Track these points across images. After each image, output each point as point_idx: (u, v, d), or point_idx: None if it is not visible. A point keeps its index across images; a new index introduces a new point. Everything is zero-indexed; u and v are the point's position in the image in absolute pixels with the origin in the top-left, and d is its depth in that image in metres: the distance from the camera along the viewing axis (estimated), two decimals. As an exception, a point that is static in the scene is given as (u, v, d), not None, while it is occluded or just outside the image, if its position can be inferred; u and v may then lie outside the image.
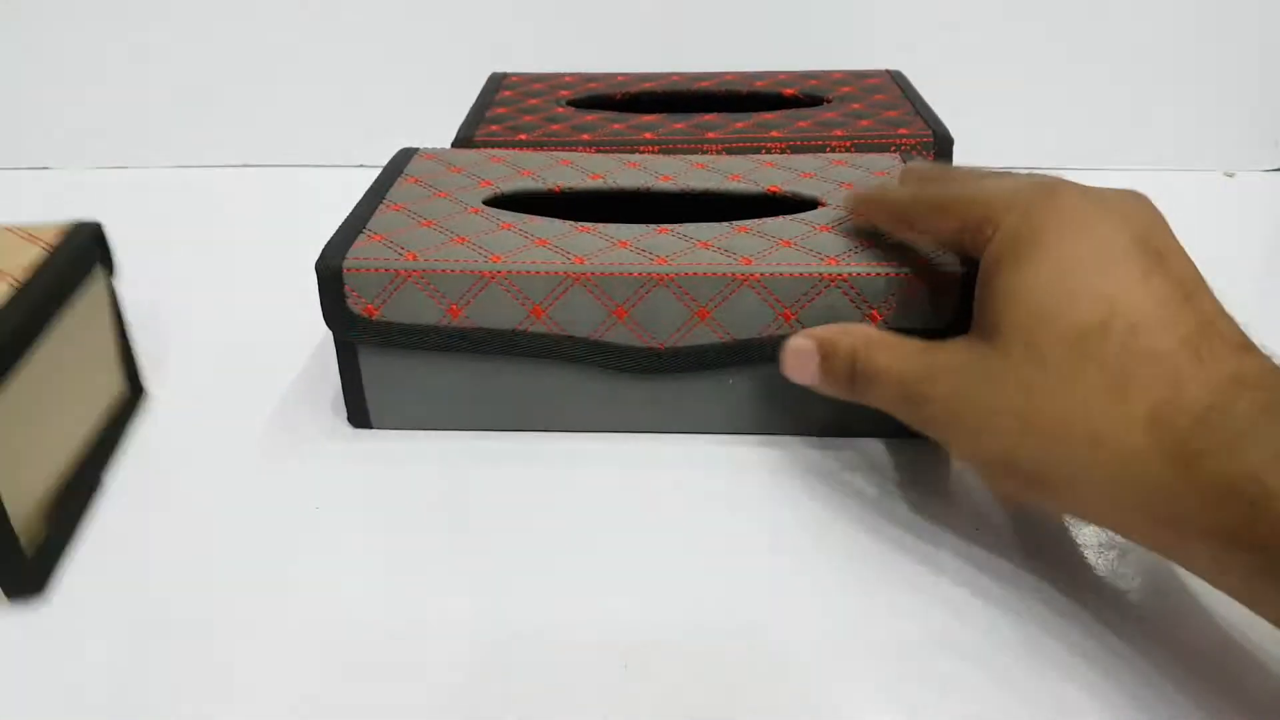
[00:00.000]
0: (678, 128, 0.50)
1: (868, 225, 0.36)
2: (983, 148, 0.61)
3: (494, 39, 0.64)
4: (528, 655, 0.28)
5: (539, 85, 0.57)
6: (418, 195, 0.40)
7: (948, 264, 0.34)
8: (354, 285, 0.35)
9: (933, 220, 0.32)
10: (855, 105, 0.53)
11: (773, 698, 0.27)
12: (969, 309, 0.35)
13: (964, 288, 0.34)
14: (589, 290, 0.35)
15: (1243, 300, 0.25)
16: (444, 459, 0.37)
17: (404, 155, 0.44)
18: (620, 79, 0.58)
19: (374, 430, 0.38)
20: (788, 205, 0.40)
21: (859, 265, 0.34)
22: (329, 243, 0.36)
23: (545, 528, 0.33)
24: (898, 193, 0.34)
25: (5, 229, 0.35)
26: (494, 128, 0.51)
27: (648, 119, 0.51)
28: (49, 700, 0.27)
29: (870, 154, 0.44)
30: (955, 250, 0.33)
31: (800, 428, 0.38)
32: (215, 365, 0.43)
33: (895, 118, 0.51)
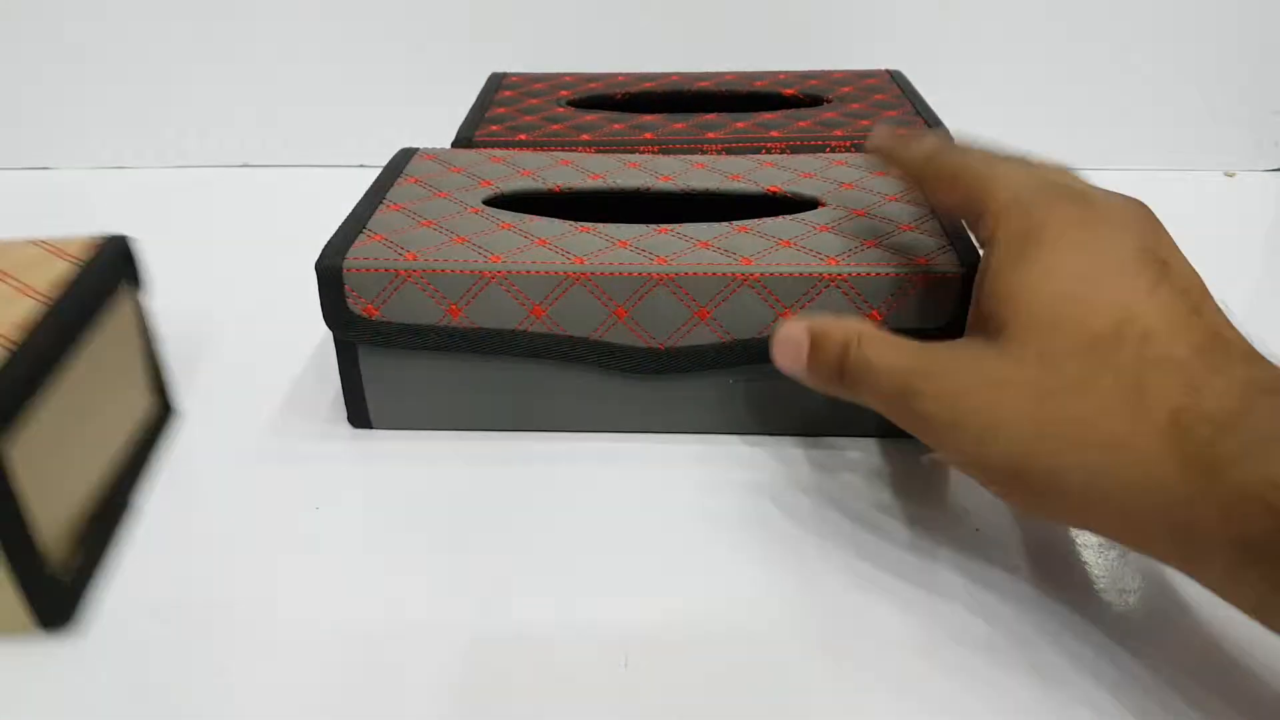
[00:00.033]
0: (678, 128, 0.50)
1: (882, 170, 0.36)
2: (983, 148, 0.62)
3: (494, 39, 0.64)
4: (528, 655, 0.28)
5: (539, 85, 0.57)
6: (418, 195, 0.40)
7: (947, 264, 0.34)
8: (354, 285, 0.35)
9: (939, 186, 0.32)
10: (855, 105, 0.53)
11: (772, 697, 0.27)
12: (968, 309, 0.35)
13: (964, 287, 0.34)
14: (589, 290, 0.35)
15: (1243, 300, 0.25)
16: (444, 459, 0.37)
17: (404, 155, 0.44)
18: (620, 79, 0.58)
19: (374, 430, 0.38)
20: (788, 205, 0.40)
21: (859, 265, 0.34)
22: (329, 243, 0.36)
23: (545, 527, 0.33)
24: (916, 148, 0.34)
25: (30, 242, 0.33)
26: (494, 128, 0.51)
27: (648, 119, 0.51)
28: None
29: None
30: (951, 219, 0.33)
31: (800, 428, 0.38)
32: (215, 365, 0.43)
33: (895, 118, 0.51)
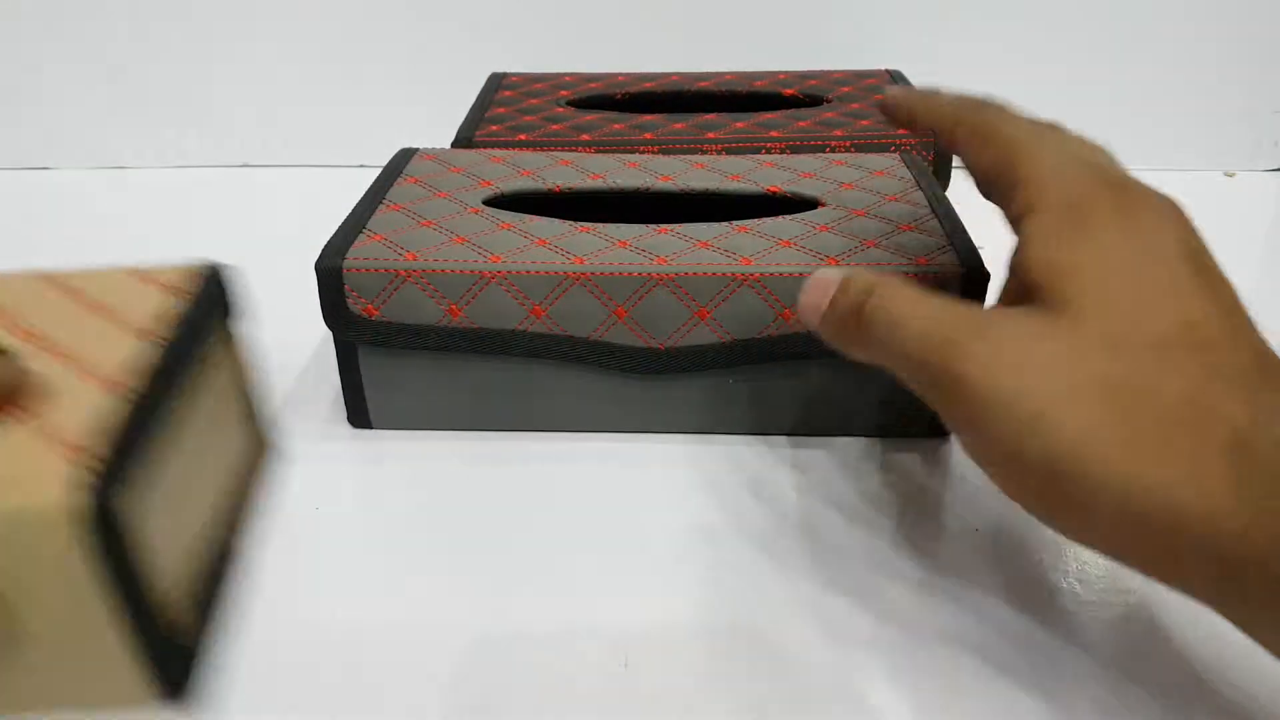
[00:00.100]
0: (678, 128, 0.50)
1: (899, 118, 0.34)
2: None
3: (494, 39, 0.64)
4: (528, 654, 0.28)
5: (539, 85, 0.57)
6: (418, 195, 0.40)
7: (947, 264, 0.34)
8: (354, 285, 0.35)
9: (971, 143, 0.30)
10: (855, 105, 0.53)
11: (772, 697, 0.27)
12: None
13: (964, 287, 0.34)
14: (589, 290, 0.35)
15: (1243, 300, 0.25)
16: (444, 459, 0.37)
17: (404, 155, 0.44)
18: (620, 79, 0.58)
19: (374, 430, 0.38)
20: (788, 205, 0.40)
21: (859, 265, 0.34)
22: (329, 243, 0.36)
23: (545, 527, 0.33)
24: (945, 103, 0.32)
25: (121, 271, 0.31)
26: (494, 128, 0.51)
27: (648, 119, 0.51)
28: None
29: (870, 154, 0.44)
30: (974, 174, 0.30)
31: (800, 427, 0.38)
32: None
33: (895, 118, 0.51)
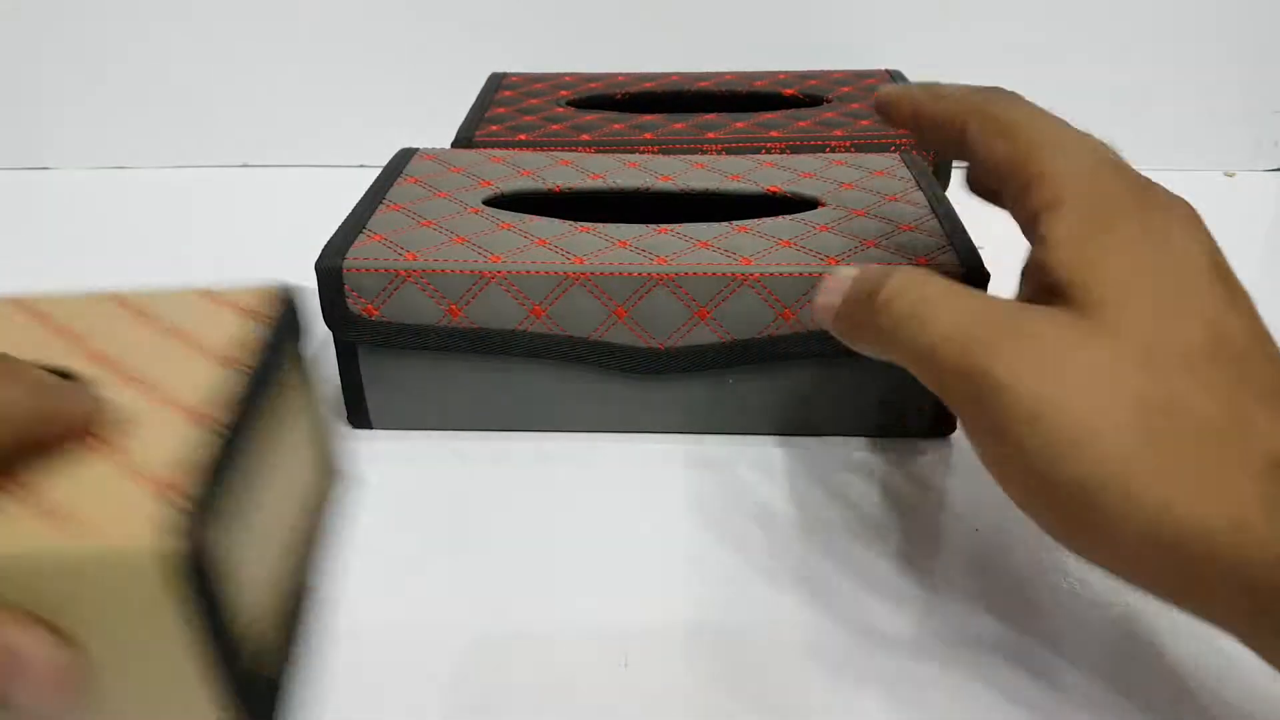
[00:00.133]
0: (678, 128, 0.50)
1: (895, 121, 0.31)
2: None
3: (494, 39, 0.64)
4: (528, 654, 0.28)
5: (539, 85, 0.57)
6: (418, 195, 0.40)
7: (948, 264, 0.34)
8: (354, 285, 0.35)
9: (984, 134, 0.28)
10: (855, 105, 0.53)
11: (772, 697, 0.27)
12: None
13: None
14: (589, 290, 0.35)
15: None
16: (444, 459, 0.37)
17: (404, 155, 0.44)
18: (620, 79, 0.58)
19: (374, 430, 0.38)
20: (788, 205, 0.40)
21: (859, 265, 0.34)
22: (329, 243, 0.36)
23: (545, 527, 0.33)
24: (956, 91, 0.30)
25: (189, 292, 0.30)
26: (494, 128, 0.51)
27: (648, 119, 0.51)
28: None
29: (870, 154, 0.44)
30: (982, 167, 0.28)
31: (800, 427, 0.38)
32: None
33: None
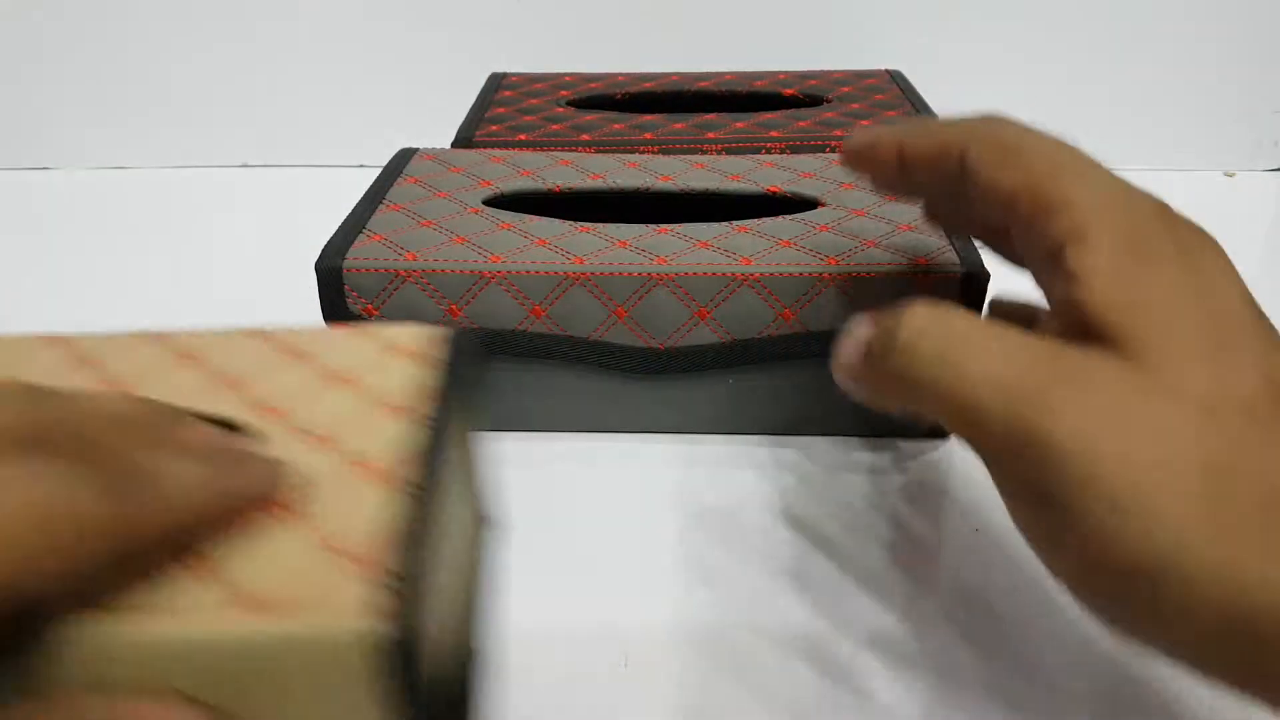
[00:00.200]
0: (678, 128, 0.50)
1: (868, 175, 0.29)
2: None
3: (494, 39, 0.64)
4: (527, 654, 0.28)
5: (539, 85, 0.57)
6: (418, 195, 0.40)
7: (948, 264, 0.34)
8: (354, 285, 0.35)
9: (989, 162, 0.25)
10: (855, 105, 0.53)
11: (771, 697, 0.27)
12: (969, 308, 0.34)
13: (964, 287, 0.34)
14: (589, 290, 0.35)
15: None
16: (444, 459, 0.37)
17: (404, 155, 0.44)
18: (620, 79, 0.58)
19: (374, 430, 0.38)
20: (788, 205, 0.40)
21: (859, 265, 0.34)
22: (329, 243, 0.36)
23: (545, 527, 0.33)
24: (945, 122, 0.27)
25: (344, 332, 0.27)
26: (494, 128, 0.51)
27: (648, 119, 0.51)
28: None
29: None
30: (988, 198, 0.25)
31: (800, 427, 0.38)
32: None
33: (895, 118, 0.51)
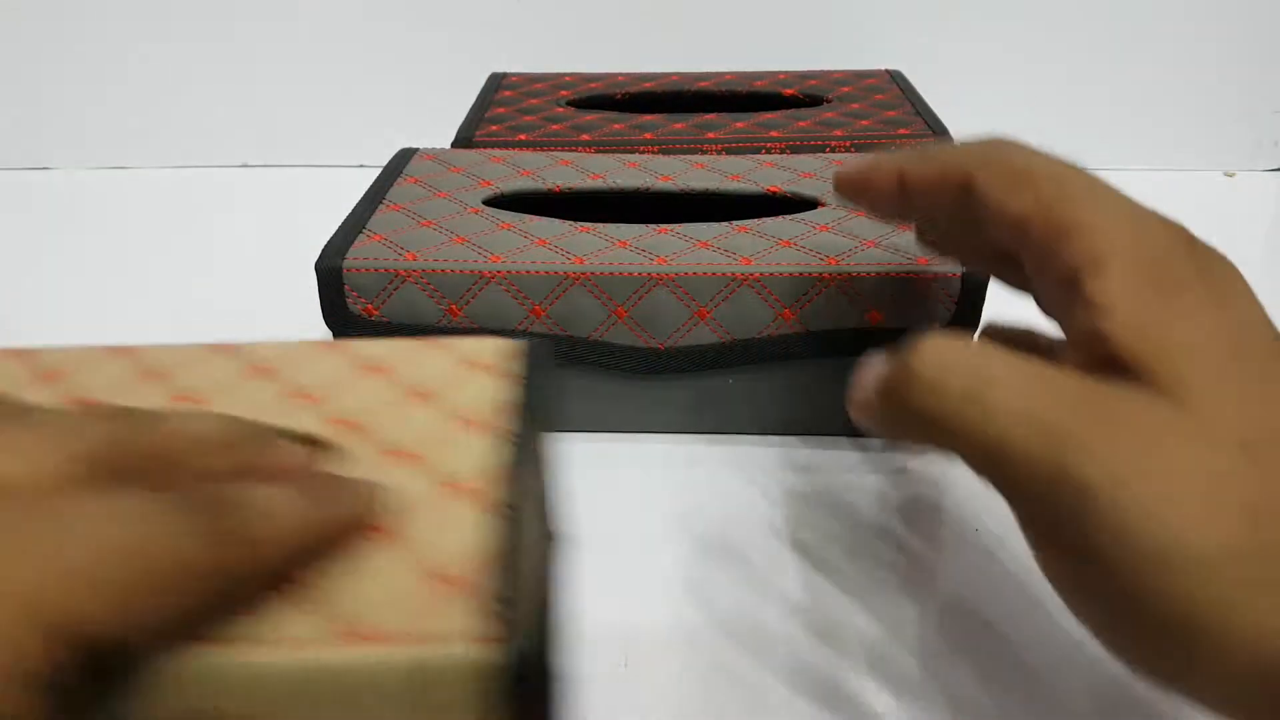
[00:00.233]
0: (678, 128, 0.50)
1: (867, 208, 0.29)
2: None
3: (494, 39, 0.64)
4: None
5: (539, 85, 0.57)
6: (418, 195, 0.40)
7: (948, 264, 0.34)
8: (354, 285, 0.35)
9: (999, 185, 0.24)
10: (855, 105, 0.53)
11: (771, 697, 0.27)
12: (968, 309, 0.35)
13: (964, 288, 0.34)
14: (589, 290, 0.35)
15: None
16: (444, 459, 0.37)
17: (404, 155, 0.44)
18: (620, 79, 0.58)
19: (374, 430, 0.38)
20: (788, 205, 0.40)
21: (859, 265, 0.34)
22: (329, 243, 0.36)
23: (545, 528, 0.33)
24: (950, 147, 0.26)
25: (417, 343, 0.27)
26: (494, 128, 0.51)
27: (648, 119, 0.51)
28: None
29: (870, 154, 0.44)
30: (997, 221, 0.24)
31: (800, 427, 0.38)
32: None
33: (895, 118, 0.51)
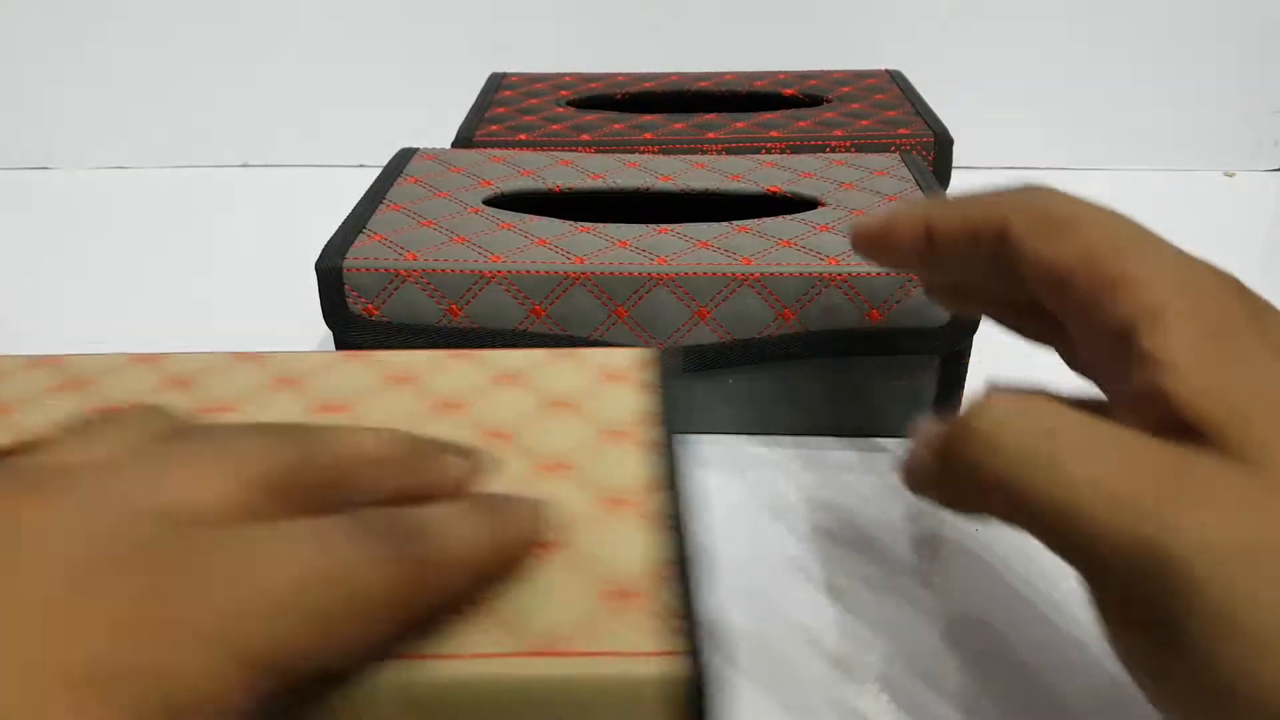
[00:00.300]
0: (678, 128, 0.50)
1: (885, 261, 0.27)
2: (983, 148, 0.62)
3: (494, 39, 0.65)
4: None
5: (539, 85, 0.57)
6: (418, 195, 0.40)
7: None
8: (354, 285, 0.35)
9: (1039, 236, 0.22)
10: (855, 105, 0.53)
11: (771, 697, 0.27)
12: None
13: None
14: (589, 290, 0.35)
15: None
16: (444, 459, 0.37)
17: (404, 155, 0.44)
18: (620, 79, 0.58)
19: (374, 430, 0.38)
20: (788, 205, 0.40)
21: (859, 265, 0.34)
22: (329, 243, 0.36)
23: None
24: (980, 195, 0.25)
25: (548, 354, 0.25)
26: (494, 128, 0.51)
27: (648, 119, 0.51)
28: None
29: (870, 154, 0.44)
30: (1035, 272, 0.23)
31: (800, 428, 0.38)
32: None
33: (895, 118, 0.51)
